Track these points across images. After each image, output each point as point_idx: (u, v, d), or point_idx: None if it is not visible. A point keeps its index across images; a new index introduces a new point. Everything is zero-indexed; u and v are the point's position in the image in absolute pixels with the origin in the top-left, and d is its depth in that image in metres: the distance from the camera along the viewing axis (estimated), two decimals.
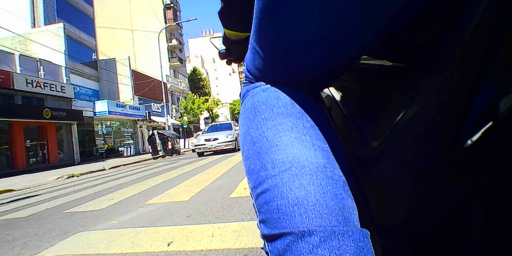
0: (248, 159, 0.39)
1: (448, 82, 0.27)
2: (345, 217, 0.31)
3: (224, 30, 0.65)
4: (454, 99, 0.27)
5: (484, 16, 0.24)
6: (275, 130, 0.37)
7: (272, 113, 0.39)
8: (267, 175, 0.34)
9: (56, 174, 9.29)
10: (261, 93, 0.42)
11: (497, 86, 0.24)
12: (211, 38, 0.87)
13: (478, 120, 0.25)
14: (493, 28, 0.24)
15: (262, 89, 0.42)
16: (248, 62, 0.45)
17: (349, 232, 0.30)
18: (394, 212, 0.40)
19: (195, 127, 33.56)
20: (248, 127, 0.41)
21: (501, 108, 0.23)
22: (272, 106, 0.39)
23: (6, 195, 5.90)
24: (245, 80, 0.47)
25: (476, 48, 0.25)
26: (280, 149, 0.35)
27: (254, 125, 0.40)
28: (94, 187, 5.42)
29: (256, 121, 0.40)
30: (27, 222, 3.01)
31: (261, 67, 0.42)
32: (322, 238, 0.29)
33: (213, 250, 1.67)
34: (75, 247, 2.02)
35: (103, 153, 18.20)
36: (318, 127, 0.38)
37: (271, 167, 0.34)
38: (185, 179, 4.99)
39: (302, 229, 0.29)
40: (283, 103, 0.39)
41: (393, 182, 0.38)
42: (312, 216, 0.30)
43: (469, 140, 0.26)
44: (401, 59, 0.38)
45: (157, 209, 2.92)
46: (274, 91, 0.41)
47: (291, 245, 0.30)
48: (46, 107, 13.43)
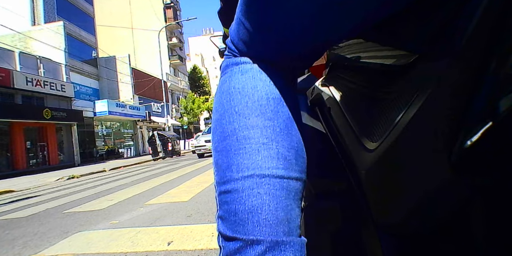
0: (218, 152, 0.41)
1: (449, 82, 0.27)
2: (290, 228, 0.35)
3: (224, 30, 0.66)
4: (454, 99, 0.27)
5: (484, 15, 0.24)
6: (246, 130, 0.39)
7: (246, 108, 0.40)
8: (231, 177, 0.37)
9: (56, 176, 9.28)
10: (239, 76, 0.42)
11: (497, 86, 0.24)
12: (211, 37, 0.87)
13: (478, 120, 0.25)
14: (494, 27, 0.24)
15: (241, 70, 0.42)
16: (233, 33, 0.45)
17: (291, 242, 0.34)
18: (394, 212, 0.40)
19: (195, 128, 33.53)
20: (221, 115, 0.42)
21: (501, 108, 0.23)
22: (248, 98, 0.40)
23: (6, 196, 5.90)
24: (227, 52, 0.47)
25: (477, 48, 0.25)
26: (247, 153, 0.37)
27: (227, 117, 0.41)
28: (94, 188, 5.42)
29: (229, 113, 0.41)
30: (27, 222, 3.01)
31: (246, 39, 0.42)
32: (267, 248, 0.33)
33: (213, 249, 1.68)
34: (75, 246, 2.02)
35: (103, 155, 18.17)
36: (287, 130, 0.40)
37: (235, 170, 0.37)
38: (185, 180, 4.99)
39: (252, 238, 0.34)
40: (259, 96, 0.40)
41: (393, 182, 0.38)
42: (263, 226, 0.34)
43: (469, 140, 0.25)
44: (402, 57, 0.38)
45: (157, 209, 2.92)
46: (252, 77, 0.41)
47: (240, 250, 0.34)
48: (46, 107, 13.39)
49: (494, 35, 0.24)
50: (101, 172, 9.98)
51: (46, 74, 14.07)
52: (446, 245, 0.36)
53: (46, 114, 13.10)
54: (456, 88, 0.27)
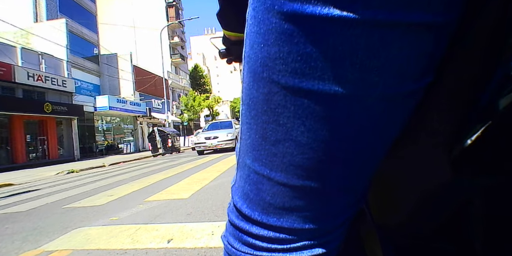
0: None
1: (449, 81, 0.27)
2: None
3: (224, 31, 0.65)
4: (454, 98, 0.27)
5: (485, 16, 0.24)
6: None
7: None
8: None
9: (56, 170, 9.29)
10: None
11: (496, 86, 0.24)
12: (211, 38, 0.87)
13: (478, 120, 0.25)
14: (494, 28, 0.24)
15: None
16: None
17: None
18: (394, 212, 0.40)
19: (195, 124, 33.53)
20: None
21: (501, 107, 0.23)
22: None
23: (5, 189, 5.91)
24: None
25: (477, 47, 0.25)
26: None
27: None
28: (94, 183, 5.43)
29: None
30: (27, 216, 3.01)
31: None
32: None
33: (213, 247, 1.68)
34: (75, 242, 2.03)
35: (103, 150, 18.20)
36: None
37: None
38: (185, 177, 5.00)
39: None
40: None
41: (392, 183, 0.38)
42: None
43: (468, 139, 0.25)
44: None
45: (157, 206, 2.92)
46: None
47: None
48: (47, 101, 13.41)
49: (495, 35, 0.24)
50: (100, 167, 10.00)
51: (48, 70, 14.07)
52: (446, 245, 0.36)
53: (47, 108, 13.10)
54: (456, 88, 0.27)
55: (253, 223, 0.34)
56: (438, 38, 0.24)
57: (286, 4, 0.23)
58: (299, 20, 0.23)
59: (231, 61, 0.80)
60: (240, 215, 0.36)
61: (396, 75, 0.24)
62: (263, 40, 0.26)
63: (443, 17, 0.23)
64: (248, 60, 0.29)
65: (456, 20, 0.24)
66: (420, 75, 0.25)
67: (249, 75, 0.29)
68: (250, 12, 0.28)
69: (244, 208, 0.35)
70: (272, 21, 0.25)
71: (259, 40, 0.26)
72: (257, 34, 0.27)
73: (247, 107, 0.31)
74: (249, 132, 0.32)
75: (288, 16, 0.23)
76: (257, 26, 0.26)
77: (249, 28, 0.28)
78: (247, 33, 0.29)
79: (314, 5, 0.22)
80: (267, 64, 0.26)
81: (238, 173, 0.37)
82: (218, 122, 12.90)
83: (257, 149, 0.31)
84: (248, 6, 0.28)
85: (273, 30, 0.25)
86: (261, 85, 0.28)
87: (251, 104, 0.30)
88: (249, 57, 0.28)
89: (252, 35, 0.28)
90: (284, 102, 0.27)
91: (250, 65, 0.28)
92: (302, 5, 0.22)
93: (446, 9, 0.22)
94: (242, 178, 0.36)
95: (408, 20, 0.22)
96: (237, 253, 0.36)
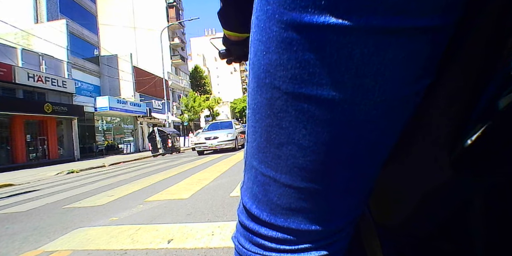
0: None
1: (448, 82, 0.27)
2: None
3: (224, 31, 0.65)
4: (454, 99, 0.27)
5: (485, 16, 0.24)
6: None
7: None
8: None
9: (56, 170, 9.29)
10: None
11: (497, 86, 0.24)
12: (211, 39, 0.87)
13: (478, 120, 0.25)
14: (494, 28, 0.24)
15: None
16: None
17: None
18: (394, 212, 0.40)
19: (195, 124, 33.54)
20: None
21: (501, 107, 0.23)
22: None
23: (5, 190, 5.91)
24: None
25: (477, 47, 0.25)
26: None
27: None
28: (94, 183, 5.42)
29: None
30: (27, 217, 3.01)
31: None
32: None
33: (213, 248, 1.68)
34: (75, 242, 2.03)
35: (103, 150, 18.18)
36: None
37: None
38: (185, 177, 5.00)
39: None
40: None
41: (393, 183, 0.38)
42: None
43: (468, 139, 0.25)
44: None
45: (157, 206, 2.92)
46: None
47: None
48: (47, 102, 13.42)
49: (495, 35, 0.24)
50: (100, 167, 9.99)
51: (48, 71, 14.09)
52: (446, 245, 0.37)
53: (47, 108, 13.12)
54: (456, 88, 0.27)
55: (262, 224, 0.35)
56: (436, 41, 0.24)
57: (286, 13, 0.24)
58: (297, 28, 0.24)
59: (231, 61, 0.80)
60: (249, 216, 0.37)
61: (393, 79, 0.25)
62: (265, 47, 0.27)
63: (441, 20, 0.23)
64: (252, 67, 0.30)
65: (455, 21, 0.24)
66: (418, 77, 0.26)
67: (253, 80, 0.30)
68: (254, 20, 0.29)
69: (253, 209, 0.36)
70: (273, 29, 0.26)
71: (262, 48, 0.28)
72: (260, 42, 0.28)
73: (252, 111, 0.32)
74: (255, 135, 0.33)
75: (287, 24, 0.24)
76: (260, 35, 0.27)
77: (253, 36, 0.29)
78: (251, 40, 0.30)
79: (312, 14, 0.23)
80: (269, 70, 0.27)
81: (246, 175, 0.38)
82: (218, 123, 12.89)
83: (262, 152, 0.32)
84: (252, 15, 0.29)
85: (273, 39, 0.26)
86: (264, 90, 0.29)
87: (255, 108, 0.31)
88: (253, 63, 0.30)
89: (255, 43, 0.29)
90: (286, 107, 0.28)
91: (254, 71, 0.30)
92: (301, 14, 0.23)
93: (444, 12, 0.23)
94: (250, 179, 0.36)
95: (403, 25, 0.22)
96: (247, 253, 0.37)
